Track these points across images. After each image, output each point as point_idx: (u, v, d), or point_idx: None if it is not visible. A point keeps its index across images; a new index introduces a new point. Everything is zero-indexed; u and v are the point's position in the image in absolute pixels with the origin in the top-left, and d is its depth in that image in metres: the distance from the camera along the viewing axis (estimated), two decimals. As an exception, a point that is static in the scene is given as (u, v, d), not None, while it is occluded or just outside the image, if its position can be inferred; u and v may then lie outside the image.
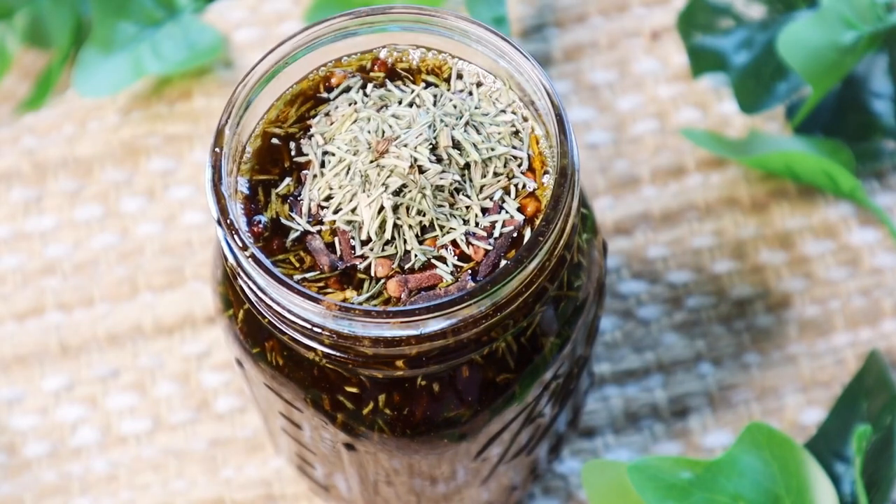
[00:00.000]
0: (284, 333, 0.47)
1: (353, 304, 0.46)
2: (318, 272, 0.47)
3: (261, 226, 0.48)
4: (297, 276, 0.47)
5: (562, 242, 0.47)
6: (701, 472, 0.56)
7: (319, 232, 0.47)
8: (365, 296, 0.46)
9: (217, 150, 0.47)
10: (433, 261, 0.47)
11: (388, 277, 0.46)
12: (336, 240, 0.47)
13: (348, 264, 0.47)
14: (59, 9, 0.71)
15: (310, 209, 0.48)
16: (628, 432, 0.64)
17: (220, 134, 0.48)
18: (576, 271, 0.51)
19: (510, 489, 0.59)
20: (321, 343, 0.46)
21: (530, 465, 0.59)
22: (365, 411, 0.49)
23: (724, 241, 0.67)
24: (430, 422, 0.49)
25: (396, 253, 0.47)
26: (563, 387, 0.54)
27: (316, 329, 0.46)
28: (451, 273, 0.46)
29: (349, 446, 0.51)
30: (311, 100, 0.50)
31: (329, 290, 0.46)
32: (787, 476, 0.56)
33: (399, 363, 0.47)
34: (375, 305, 0.46)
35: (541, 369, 0.50)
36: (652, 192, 0.68)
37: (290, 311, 0.46)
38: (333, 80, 0.50)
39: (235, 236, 0.46)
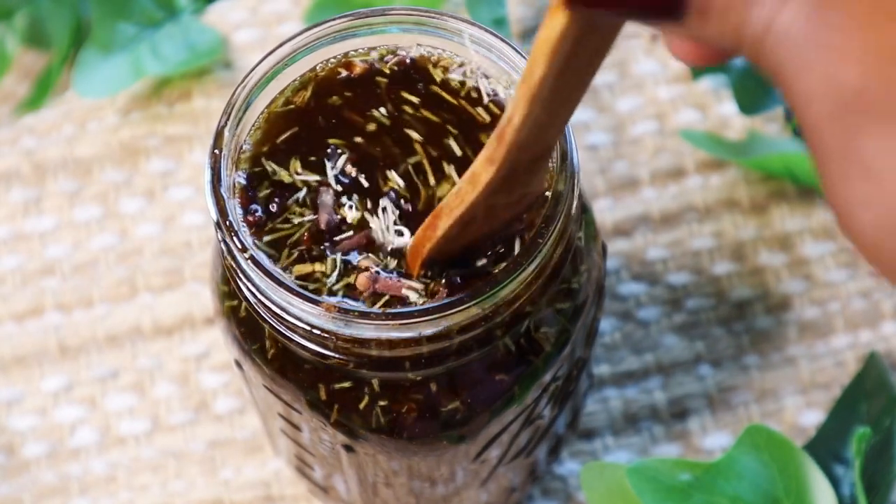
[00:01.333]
0: (283, 335, 0.47)
1: (351, 306, 0.46)
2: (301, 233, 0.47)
3: (257, 215, 0.47)
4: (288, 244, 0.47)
5: (561, 244, 0.47)
6: (700, 474, 0.56)
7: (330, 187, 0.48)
8: (333, 276, 0.46)
9: (216, 151, 0.47)
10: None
11: (363, 270, 0.46)
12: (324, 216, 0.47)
13: (340, 222, 0.47)
14: (59, 9, 0.71)
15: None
16: (627, 434, 0.64)
17: (219, 135, 0.48)
18: (575, 273, 0.51)
19: (509, 491, 0.59)
20: (320, 344, 0.46)
21: (529, 467, 0.59)
22: (363, 413, 0.49)
23: (723, 242, 0.67)
24: (428, 423, 0.49)
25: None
26: (562, 388, 0.54)
27: (315, 330, 0.46)
28: (419, 293, 0.46)
29: (348, 448, 0.51)
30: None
31: (303, 259, 0.46)
32: (787, 478, 0.56)
33: (398, 365, 0.47)
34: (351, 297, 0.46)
35: (540, 371, 0.50)
36: (651, 194, 0.68)
37: (288, 313, 0.46)
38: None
39: (234, 238, 0.46)
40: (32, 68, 0.73)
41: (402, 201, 0.47)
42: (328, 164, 0.48)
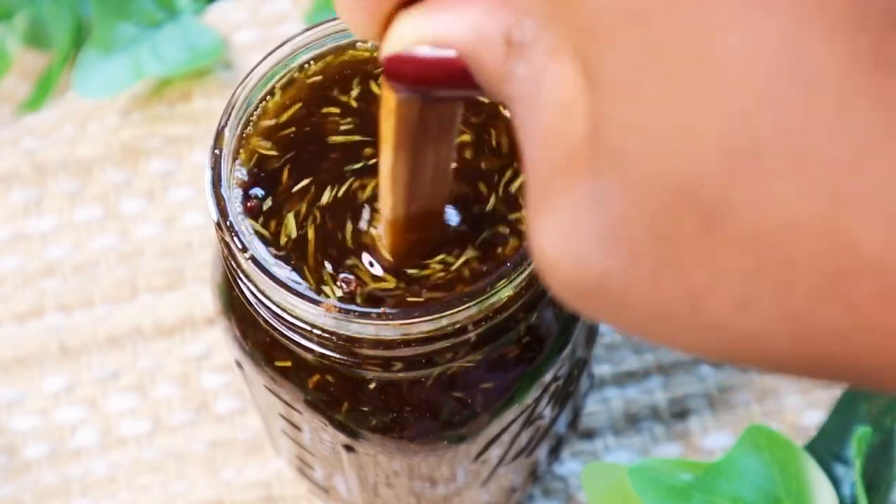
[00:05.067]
0: (284, 335, 0.47)
1: (351, 306, 0.46)
2: None
3: (255, 200, 0.48)
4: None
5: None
6: (701, 474, 0.56)
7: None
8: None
9: (216, 151, 0.47)
10: None
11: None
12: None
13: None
14: (60, 10, 0.71)
15: None
16: (628, 434, 0.64)
17: (219, 135, 0.47)
18: (576, 273, 0.51)
19: (510, 491, 0.59)
20: (320, 344, 0.46)
21: (530, 467, 0.59)
22: (364, 413, 0.49)
23: (724, 242, 0.67)
24: (429, 423, 0.49)
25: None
26: (563, 388, 0.54)
27: (315, 330, 0.46)
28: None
29: (349, 448, 0.51)
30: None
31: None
32: (788, 478, 0.56)
33: (398, 364, 0.47)
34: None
35: (541, 371, 0.50)
36: (652, 194, 0.68)
37: (289, 313, 0.46)
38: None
39: (235, 238, 0.46)
40: (33, 69, 0.73)
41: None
42: (328, 161, 0.48)
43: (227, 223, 0.46)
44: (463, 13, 0.33)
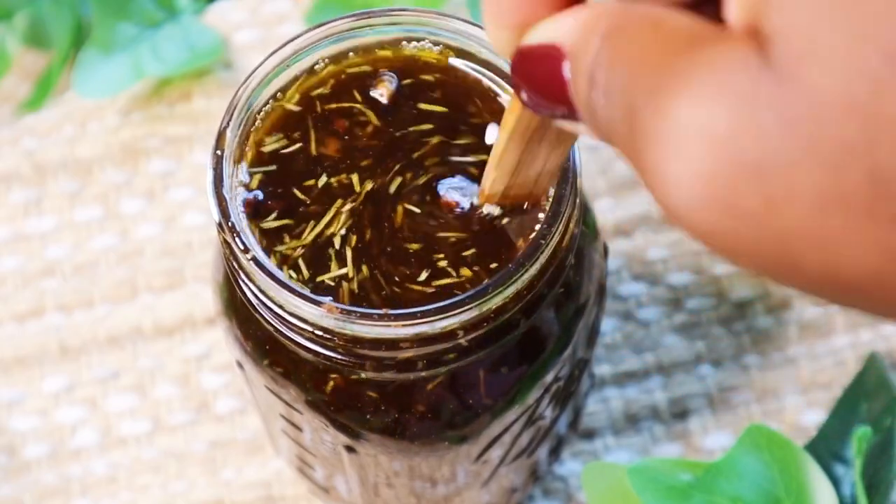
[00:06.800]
0: (285, 335, 0.47)
1: (352, 307, 0.46)
2: None
3: (252, 196, 0.48)
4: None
5: (563, 245, 0.47)
6: (701, 474, 0.56)
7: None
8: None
9: (218, 152, 0.47)
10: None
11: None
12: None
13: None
14: (60, 10, 0.71)
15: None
16: (628, 434, 0.64)
17: (221, 136, 0.47)
18: (577, 273, 0.51)
19: (511, 491, 0.59)
20: (322, 345, 0.46)
21: (531, 467, 0.59)
22: (365, 413, 0.49)
23: (724, 242, 0.67)
24: (430, 424, 0.49)
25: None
26: (563, 389, 0.54)
27: (317, 331, 0.46)
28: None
29: (349, 448, 0.51)
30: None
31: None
32: (787, 478, 0.56)
33: (399, 365, 0.47)
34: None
35: (542, 372, 0.50)
36: (652, 194, 0.68)
37: (290, 313, 0.46)
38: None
39: (237, 239, 0.46)
40: (33, 69, 0.73)
41: (405, 203, 0.48)
42: (331, 160, 0.48)
43: (229, 224, 0.46)
44: (576, 13, 0.34)
